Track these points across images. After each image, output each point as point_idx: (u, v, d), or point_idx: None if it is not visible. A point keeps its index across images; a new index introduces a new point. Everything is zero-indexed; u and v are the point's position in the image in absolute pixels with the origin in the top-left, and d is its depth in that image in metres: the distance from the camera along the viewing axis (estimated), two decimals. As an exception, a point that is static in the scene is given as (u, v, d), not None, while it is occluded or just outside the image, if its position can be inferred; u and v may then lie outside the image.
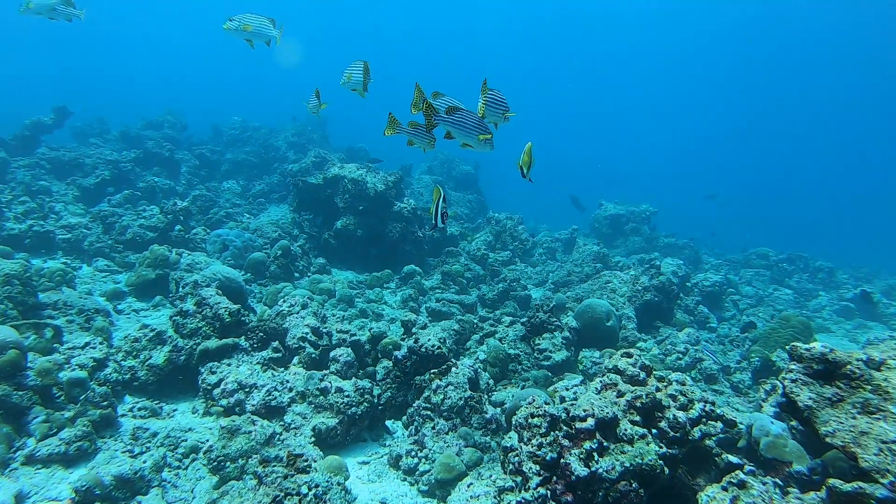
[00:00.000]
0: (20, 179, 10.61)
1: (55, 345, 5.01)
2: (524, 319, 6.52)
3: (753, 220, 35.53)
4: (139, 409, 4.69)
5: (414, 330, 5.85)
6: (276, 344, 5.38)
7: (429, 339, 5.06)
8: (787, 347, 8.14)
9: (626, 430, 3.31)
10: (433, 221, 3.90)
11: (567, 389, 5.29)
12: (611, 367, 3.84)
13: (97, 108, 23.14)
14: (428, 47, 71.85)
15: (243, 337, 5.33)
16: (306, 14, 65.22)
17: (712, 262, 17.18)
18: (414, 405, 4.81)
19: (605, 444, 3.27)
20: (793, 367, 3.42)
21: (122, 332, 6.25)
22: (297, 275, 9.26)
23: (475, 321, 7.46)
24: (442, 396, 4.61)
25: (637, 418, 3.40)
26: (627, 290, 8.75)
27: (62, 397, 4.36)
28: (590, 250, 11.60)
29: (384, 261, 10.61)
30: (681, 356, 6.97)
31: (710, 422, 3.56)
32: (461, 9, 64.16)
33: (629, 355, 3.86)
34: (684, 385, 3.74)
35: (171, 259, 7.74)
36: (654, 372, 3.91)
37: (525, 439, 3.50)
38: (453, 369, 4.79)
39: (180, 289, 5.96)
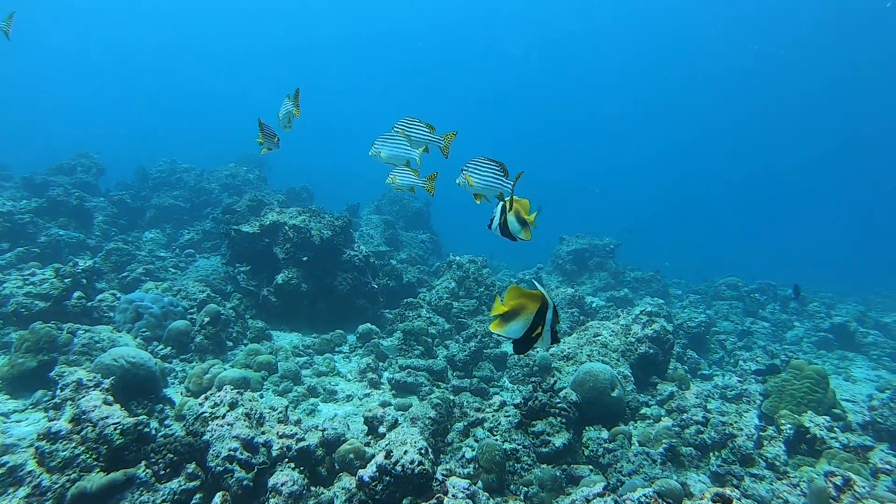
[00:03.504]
0: None
1: None
2: (519, 401, 5.22)
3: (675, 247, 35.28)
4: None
5: (381, 430, 4.45)
6: (192, 468, 3.87)
7: (405, 453, 3.68)
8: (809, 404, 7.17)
9: None
10: (525, 340, 2.58)
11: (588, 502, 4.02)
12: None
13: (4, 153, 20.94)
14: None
15: (143, 463, 3.80)
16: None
17: (680, 294, 16.47)
18: (390, 554, 3.40)
19: None
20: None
21: (-21, 452, 4.58)
22: (229, 343, 7.70)
23: (451, 397, 6.11)
24: (431, 545, 3.23)
25: None
26: (620, 344, 7.60)
27: None
28: (563, 293, 10.49)
29: (334, 318, 9.17)
30: (701, 427, 5.79)
31: None
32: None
33: (726, 500, 2.61)
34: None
35: (61, 339, 6.07)
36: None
37: None
38: (445, 501, 3.42)
39: (57, 392, 4.37)
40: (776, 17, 45.42)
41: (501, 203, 3.30)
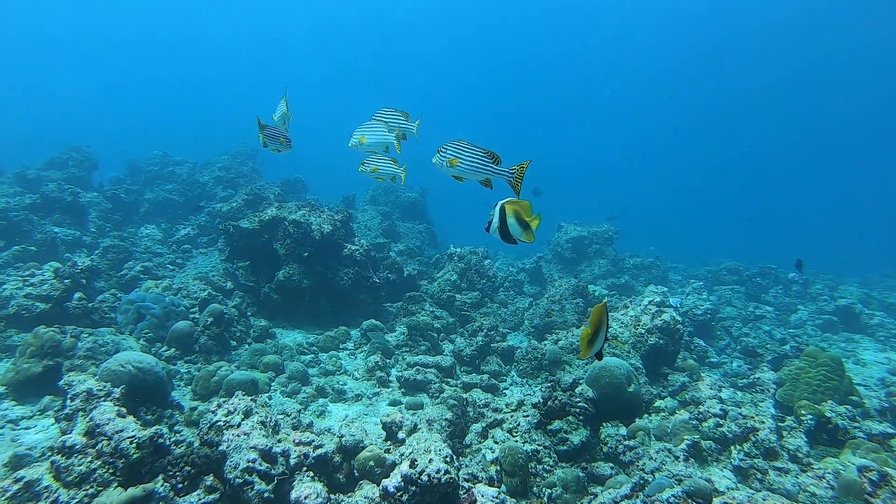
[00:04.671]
0: None
1: None
2: (537, 400, 5.15)
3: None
4: None
5: (401, 435, 4.37)
6: (210, 480, 3.77)
7: (430, 461, 3.60)
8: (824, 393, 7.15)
9: None
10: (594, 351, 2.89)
11: (615, 505, 3.97)
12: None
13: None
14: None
15: (161, 477, 3.70)
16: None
17: (679, 279, 16.47)
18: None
19: None
20: None
21: (-13, 464, 4.47)
22: (233, 343, 7.58)
23: (464, 396, 6.04)
24: (463, 558, 3.16)
25: None
26: (630, 335, 7.55)
27: None
28: (567, 284, 10.41)
29: (336, 313, 9.07)
30: (720, 420, 5.74)
31: None
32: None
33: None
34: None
35: (65, 344, 5.93)
36: None
37: None
38: (475, 512, 3.35)
39: (67, 403, 4.26)
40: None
41: (499, 205, 3.21)
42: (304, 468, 4.11)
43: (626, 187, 59.71)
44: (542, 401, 5.10)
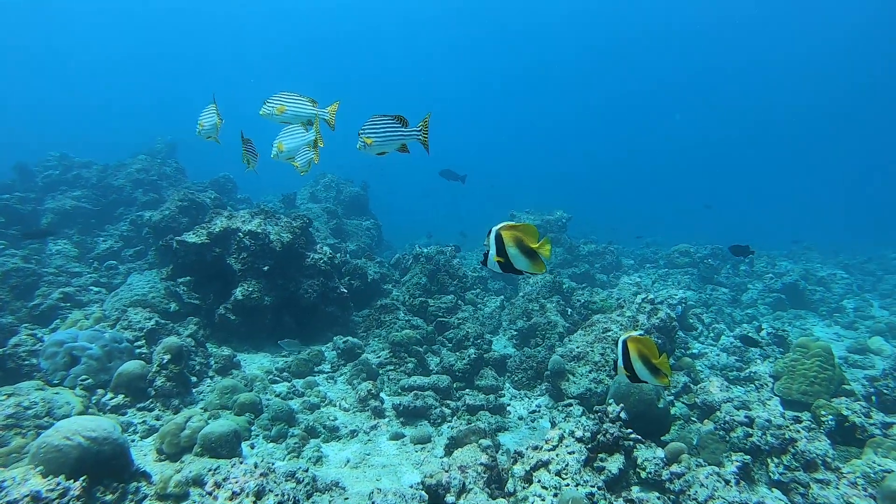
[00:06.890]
0: None
1: None
2: (582, 434, 4.53)
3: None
4: None
5: (449, 499, 3.61)
6: None
7: (515, 545, 2.90)
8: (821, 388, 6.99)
9: None
10: None
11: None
12: None
13: None
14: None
15: None
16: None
17: (632, 263, 16.47)
18: None
19: None
20: None
21: None
22: (193, 379, 6.50)
23: (480, 425, 5.35)
24: None
25: None
26: (632, 338, 7.12)
27: None
28: (542, 280, 9.90)
29: (302, 330, 8.14)
30: (748, 430, 5.36)
31: None
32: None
33: None
34: None
35: (-16, 411, 4.72)
36: None
37: None
38: None
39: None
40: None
41: (494, 231, 2.74)
42: (338, 557, 3.31)
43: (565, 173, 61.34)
44: (590, 435, 4.50)
